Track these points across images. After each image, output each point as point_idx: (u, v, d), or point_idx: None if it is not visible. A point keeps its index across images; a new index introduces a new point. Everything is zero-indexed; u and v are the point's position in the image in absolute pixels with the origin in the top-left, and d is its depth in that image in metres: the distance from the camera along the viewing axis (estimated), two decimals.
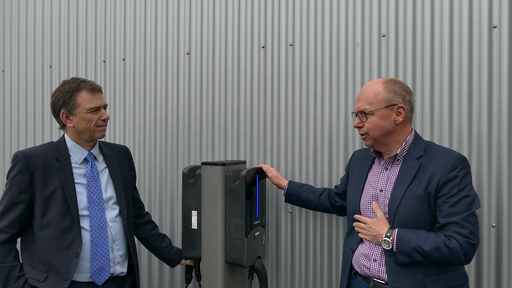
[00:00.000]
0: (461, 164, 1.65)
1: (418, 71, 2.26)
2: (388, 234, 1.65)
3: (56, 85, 3.17)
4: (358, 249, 1.80)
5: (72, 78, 1.99)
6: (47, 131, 3.21)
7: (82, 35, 3.08)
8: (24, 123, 3.30)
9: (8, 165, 3.35)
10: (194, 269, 2.45)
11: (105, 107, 2.03)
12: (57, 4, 3.16)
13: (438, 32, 2.22)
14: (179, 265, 2.47)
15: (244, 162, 2.51)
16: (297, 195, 2.25)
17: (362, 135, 1.79)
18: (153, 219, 2.49)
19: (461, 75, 2.18)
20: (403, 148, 1.74)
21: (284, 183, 2.30)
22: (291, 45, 2.52)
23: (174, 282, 2.82)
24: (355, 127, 1.81)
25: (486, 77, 2.14)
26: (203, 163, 2.30)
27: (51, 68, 3.20)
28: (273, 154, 2.56)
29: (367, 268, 1.74)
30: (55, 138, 3.18)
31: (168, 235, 2.60)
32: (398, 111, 1.71)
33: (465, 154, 2.15)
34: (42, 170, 1.90)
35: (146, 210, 2.46)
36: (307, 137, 2.48)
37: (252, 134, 2.61)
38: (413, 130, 1.79)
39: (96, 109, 1.97)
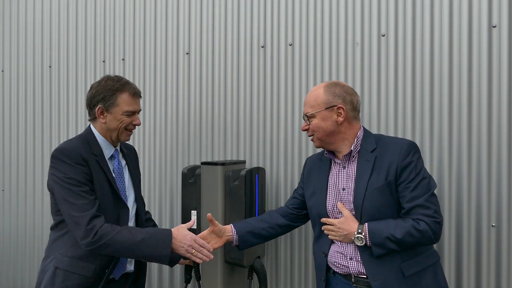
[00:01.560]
0: (413, 149, 1.72)
1: (417, 70, 2.26)
2: (360, 230, 1.69)
3: (55, 85, 3.17)
4: (331, 250, 1.82)
5: (116, 76, 1.97)
6: (47, 131, 3.21)
7: (82, 35, 3.08)
8: (24, 123, 3.29)
9: (10, 163, 3.35)
10: (193, 269, 2.44)
11: (138, 112, 2.03)
12: (57, 4, 3.16)
13: (438, 31, 2.22)
14: (178, 265, 2.47)
15: (244, 162, 2.51)
16: (249, 232, 1.97)
17: (310, 136, 1.86)
18: (152, 218, 2.49)
19: (460, 75, 2.18)
20: (356, 144, 1.79)
21: (228, 230, 1.98)
22: (290, 45, 2.52)
23: (174, 282, 2.81)
24: (302, 130, 1.88)
25: (485, 77, 2.13)
26: (202, 163, 2.30)
27: (50, 68, 3.19)
28: (273, 154, 2.56)
29: (346, 266, 1.76)
30: (54, 139, 3.18)
31: None
32: (338, 112, 1.76)
33: (465, 154, 2.16)
34: (89, 162, 1.88)
35: (146, 209, 2.46)
36: (306, 137, 2.48)
37: (252, 134, 2.61)
38: (361, 126, 1.84)
39: (132, 113, 1.98)
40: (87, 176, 1.84)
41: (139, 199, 2.09)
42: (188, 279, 2.49)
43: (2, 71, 3.37)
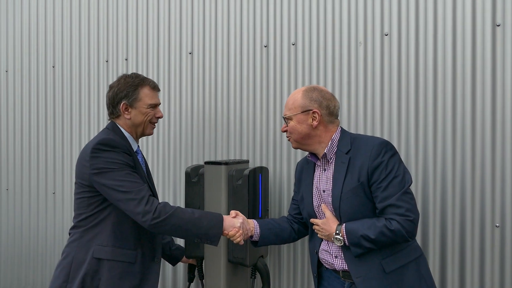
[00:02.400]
0: (383, 149, 1.74)
1: (421, 70, 2.25)
2: (337, 231, 1.75)
3: (59, 85, 3.18)
4: (320, 248, 1.89)
5: (133, 74, 2.05)
6: (50, 130, 3.22)
7: (85, 35, 3.09)
8: (27, 122, 3.31)
9: (14, 163, 3.37)
10: (197, 268, 2.45)
11: (159, 105, 2.09)
12: (60, 4, 3.17)
13: (441, 30, 2.21)
14: (181, 263, 2.47)
15: (247, 162, 2.51)
16: (269, 229, 2.00)
17: (288, 138, 1.91)
18: None
19: (464, 74, 2.17)
20: (331, 146, 1.83)
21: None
22: (293, 44, 2.52)
23: (177, 281, 2.82)
24: (282, 131, 1.93)
25: (489, 76, 2.13)
26: (206, 162, 2.30)
27: (54, 68, 3.20)
28: (276, 153, 2.56)
29: (332, 264, 1.84)
30: (58, 138, 3.19)
31: None
32: (313, 116, 1.81)
33: (468, 153, 2.15)
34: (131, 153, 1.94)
35: None
36: None
37: (255, 133, 2.61)
38: (339, 128, 1.87)
39: (155, 106, 2.04)
40: (133, 164, 1.90)
41: (156, 194, 2.11)
42: (191, 278, 2.50)
43: (6, 71, 3.38)
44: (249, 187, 2.21)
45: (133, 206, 1.80)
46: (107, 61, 3.02)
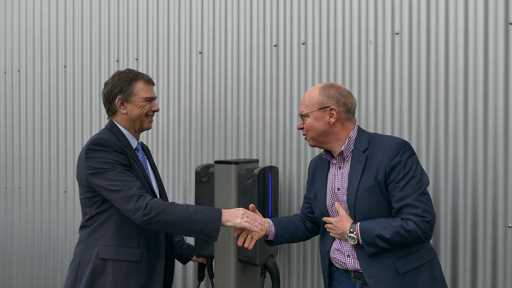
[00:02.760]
0: (402, 149, 1.73)
1: (432, 69, 2.23)
2: (351, 229, 1.73)
3: (70, 84, 3.21)
4: (332, 247, 1.88)
5: (127, 69, 2.06)
6: (61, 129, 3.25)
7: (96, 35, 3.11)
8: (39, 121, 3.34)
9: (26, 162, 3.41)
10: (206, 267, 2.46)
11: (155, 99, 2.10)
12: (71, 5, 3.20)
13: (453, 29, 2.19)
14: (192, 262, 2.49)
15: (257, 161, 2.51)
16: (284, 228, 1.98)
17: (304, 135, 1.90)
18: None
19: (476, 73, 2.15)
20: (348, 144, 1.82)
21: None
22: (303, 44, 2.52)
23: (187, 280, 2.83)
24: (298, 129, 1.92)
25: (502, 75, 2.10)
26: (216, 162, 2.31)
27: (65, 68, 3.23)
28: (285, 153, 2.56)
29: (344, 263, 1.82)
30: (69, 137, 3.22)
31: None
32: (330, 113, 1.80)
33: (480, 154, 2.13)
34: (126, 151, 1.93)
35: None
36: None
37: (265, 132, 2.61)
38: (356, 126, 1.86)
39: (150, 99, 2.04)
40: (126, 162, 1.89)
41: (162, 191, 2.13)
42: (201, 277, 2.51)
43: (19, 71, 3.42)
44: (259, 186, 2.21)
45: (124, 203, 1.79)
46: (117, 61, 3.04)
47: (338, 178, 1.85)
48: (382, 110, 2.33)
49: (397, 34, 2.30)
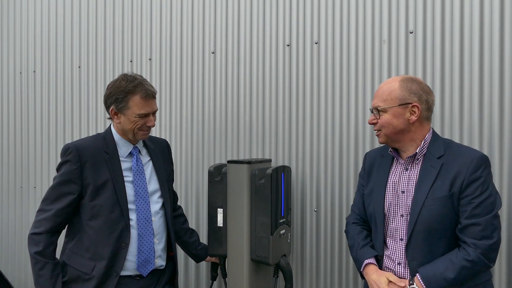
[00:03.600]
0: (484, 164, 1.64)
1: (447, 68, 2.21)
2: (411, 282, 1.65)
3: (84, 84, 3.24)
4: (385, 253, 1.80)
5: (131, 76, 1.97)
6: (76, 129, 3.29)
7: (110, 36, 3.14)
8: (54, 121, 3.38)
9: (41, 162, 3.45)
10: (219, 266, 2.47)
11: (154, 113, 2.03)
12: (86, 6, 3.23)
13: (468, 27, 2.17)
14: (205, 262, 2.50)
15: (269, 161, 2.51)
16: None
17: (376, 131, 1.78)
18: (184, 213, 2.51)
19: (492, 73, 2.12)
20: (422, 147, 1.72)
21: None
22: (316, 43, 2.51)
23: (200, 279, 2.85)
24: (369, 124, 1.80)
25: None
26: (228, 161, 2.31)
27: (79, 68, 3.27)
28: (298, 153, 2.56)
29: (392, 270, 1.75)
30: (84, 136, 3.25)
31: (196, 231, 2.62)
32: (412, 110, 1.69)
33: (496, 155, 2.10)
34: (93, 162, 1.94)
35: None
36: (332, 136, 2.46)
37: (277, 132, 2.61)
38: (431, 129, 1.77)
39: (145, 116, 1.97)
40: (73, 178, 1.92)
41: (165, 195, 2.11)
42: (214, 276, 2.52)
43: (34, 71, 3.47)
44: (272, 186, 2.21)
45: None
46: (131, 61, 3.06)
47: (404, 180, 1.74)
48: None
49: (411, 33, 2.28)
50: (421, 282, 1.62)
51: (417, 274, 1.64)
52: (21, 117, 3.54)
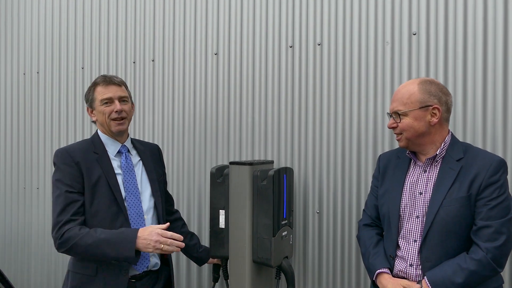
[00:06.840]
0: (503, 168, 1.66)
1: (450, 70, 2.20)
2: (419, 285, 1.66)
3: (87, 85, 3.24)
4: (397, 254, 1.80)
5: (100, 76, 2.10)
6: (79, 130, 3.29)
7: (113, 37, 3.15)
8: (57, 123, 3.39)
9: (44, 163, 3.46)
10: (221, 268, 2.46)
11: (121, 99, 2.03)
12: (89, 7, 3.24)
13: (471, 29, 2.16)
14: (206, 263, 2.49)
15: (272, 162, 2.51)
16: None
17: (396, 135, 1.78)
18: (182, 217, 2.52)
19: (495, 75, 2.11)
20: (442, 148, 1.73)
21: None
22: (319, 45, 2.51)
23: (202, 281, 2.84)
24: (389, 128, 1.80)
25: None
26: (231, 163, 2.31)
27: (83, 69, 3.28)
28: (301, 154, 2.55)
29: (404, 272, 1.74)
30: (87, 138, 3.25)
31: (196, 234, 2.62)
32: (433, 112, 1.69)
33: (499, 151, 2.09)
34: (84, 162, 1.96)
35: (175, 208, 2.49)
36: (335, 137, 2.46)
37: (280, 134, 2.61)
38: (450, 131, 1.77)
39: (108, 101, 2.01)
40: (73, 176, 1.91)
41: (156, 194, 2.11)
42: (216, 277, 2.52)
43: (38, 72, 3.48)
44: (274, 187, 2.21)
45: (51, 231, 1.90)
46: (134, 62, 3.07)
47: (422, 182, 1.75)
48: None
49: (414, 34, 2.28)
50: (429, 286, 1.62)
51: (425, 278, 1.64)
52: (25, 118, 3.55)
